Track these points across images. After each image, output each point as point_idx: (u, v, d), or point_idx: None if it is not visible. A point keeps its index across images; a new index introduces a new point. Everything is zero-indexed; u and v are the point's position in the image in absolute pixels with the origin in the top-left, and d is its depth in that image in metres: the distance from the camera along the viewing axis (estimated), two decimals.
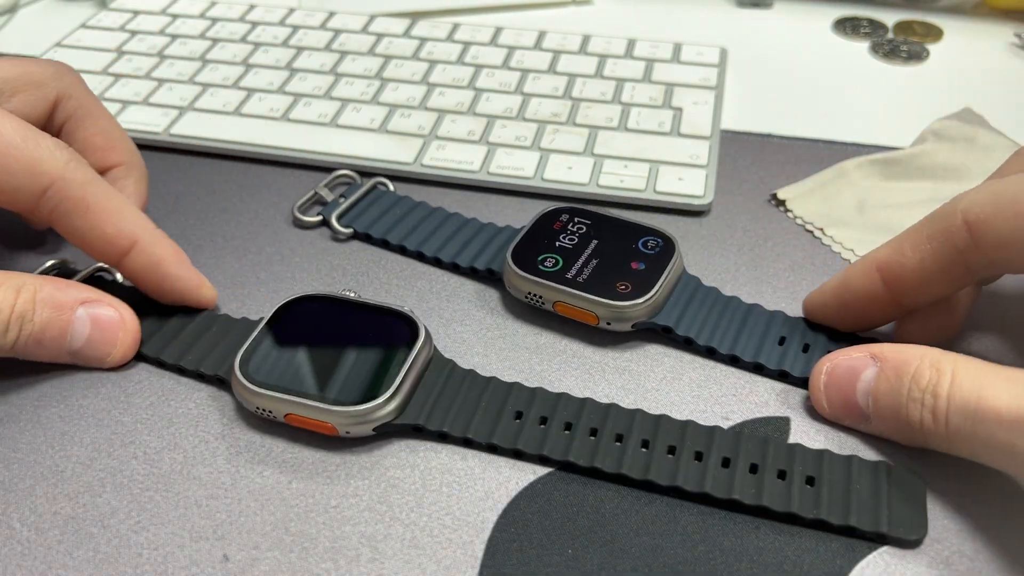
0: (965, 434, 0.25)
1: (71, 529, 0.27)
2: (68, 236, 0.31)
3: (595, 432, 0.28)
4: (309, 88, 0.46)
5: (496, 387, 0.30)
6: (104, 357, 0.31)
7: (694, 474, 0.27)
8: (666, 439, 0.28)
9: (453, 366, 0.31)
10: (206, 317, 0.33)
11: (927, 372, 0.26)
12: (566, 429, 0.28)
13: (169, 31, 0.52)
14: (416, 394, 0.29)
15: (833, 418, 0.29)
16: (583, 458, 0.27)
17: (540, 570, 0.26)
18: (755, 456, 0.27)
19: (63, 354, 0.31)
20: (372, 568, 0.26)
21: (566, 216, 0.35)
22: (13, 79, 0.33)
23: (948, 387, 0.25)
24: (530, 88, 0.46)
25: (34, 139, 0.29)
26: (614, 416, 0.29)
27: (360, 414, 0.28)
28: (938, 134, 0.42)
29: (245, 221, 0.39)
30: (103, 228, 0.30)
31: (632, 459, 0.27)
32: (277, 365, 0.29)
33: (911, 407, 0.26)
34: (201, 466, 0.29)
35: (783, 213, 0.39)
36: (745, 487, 0.26)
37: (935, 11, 0.57)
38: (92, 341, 0.31)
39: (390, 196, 0.39)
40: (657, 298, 0.32)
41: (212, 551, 0.26)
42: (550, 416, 0.29)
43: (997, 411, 0.24)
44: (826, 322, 0.32)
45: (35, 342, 0.30)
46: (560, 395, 0.29)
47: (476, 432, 0.28)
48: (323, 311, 0.31)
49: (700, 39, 0.52)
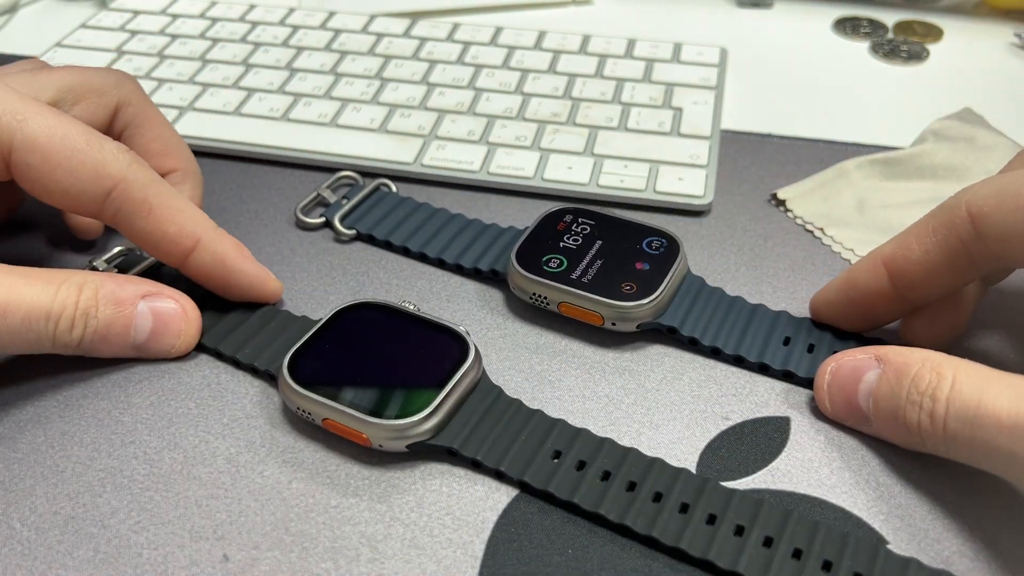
0: (964, 439, 0.25)
1: (71, 529, 0.27)
2: (133, 238, 0.31)
3: (633, 487, 0.27)
4: (309, 88, 0.46)
5: (539, 421, 0.29)
6: (169, 348, 0.32)
7: (728, 551, 0.25)
8: (707, 507, 0.26)
9: (499, 393, 0.30)
10: (267, 311, 0.33)
11: (927, 375, 0.26)
12: (603, 479, 0.27)
13: (169, 31, 0.52)
14: (456, 416, 0.28)
15: (836, 418, 0.29)
16: (614, 512, 0.26)
17: (540, 570, 0.26)
18: (800, 540, 0.25)
19: (127, 349, 0.31)
20: (372, 568, 0.26)
21: (570, 217, 0.35)
22: (76, 87, 0.33)
23: (948, 391, 0.25)
24: (530, 88, 0.46)
25: (98, 143, 0.30)
26: (656, 473, 0.27)
27: (395, 429, 0.27)
28: (938, 134, 0.42)
29: (245, 221, 0.39)
30: (166, 228, 0.31)
31: (667, 522, 0.26)
32: (325, 368, 0.29)
33: (909, 410, 0.26)
34: (201, 466, 0.29)
35: (783, 213, 0.39)
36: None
37: (935, 11, 0.57)
38: (155, 334, 0.31)
39: (393, 197, 0.39)
40: (662, 298, 0.32)
41: (212, 551, 0.26)
42: (589, 461, 0.27)
43: (997, 416, 0.24)
44: (832, 321, 0.32)
45: (100, 338, 0.30)
46: (604, 440, 0.28)
47: (510, 467, 0.27)
48: (379, 320, 0.31)
49: (700, 39, 0.52)
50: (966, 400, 0.24)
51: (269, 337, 0.32)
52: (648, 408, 0.30)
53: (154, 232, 0.31)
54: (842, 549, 0.25)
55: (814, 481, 0.28)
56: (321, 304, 0.35)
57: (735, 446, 0.29)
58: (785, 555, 0.24)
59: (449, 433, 0.28)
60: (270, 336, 0.32)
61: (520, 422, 0.29)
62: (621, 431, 0.30)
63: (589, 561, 0.26)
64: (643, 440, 0.29)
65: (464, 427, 0.28)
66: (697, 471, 0.28)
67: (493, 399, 0.29)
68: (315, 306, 0.35)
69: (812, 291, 0.35)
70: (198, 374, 0.32)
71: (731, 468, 0.28)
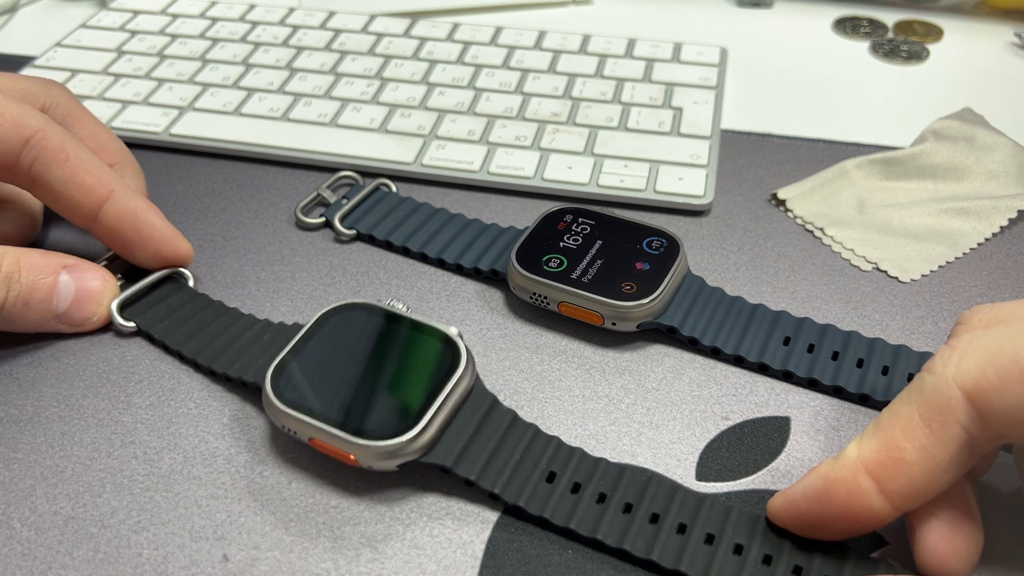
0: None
1: (71, 529, 0.27)
2: (47, 191, 0.32)
3: (629, 508, 0.26)
4: (309, 88, 0.46)
5: (535, 439, 0.28)
6: (90, 316, 0.33)
7: (728, 571, 0.24)
8: (705, 527, 0.25)
9: (493, 402, 0.28)
10: (249, 321, 0.32)
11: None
12: (599, 501, 0.26)
13: (169, 31, 0.52)
14: (449, 431, 0.27)
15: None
16: (611, 537, 0.25)
17: (540, 570, 0.26)
18: (799, 557, 0.25)
19: (49, 319, 0.32)
20: (372, 568, 0.26)
21: (570, 216, 0.35)
22: (2, 87, 0.33)
23: None
24: (530, 88, 0.46)
25: (16, 101, 0.31)
26: (653, 492, 0.26)
27: (384, 450, 0.26)
28: (938, 134, 0.42)
29: (245, 221, 0.39)
30: (83, 177, 0.32)
31: (665, 545, 0.25)
32: (309, 381, 0.28)
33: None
34: (201, 466, 0.29)
35: (783, 213, 0.39)
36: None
37: (935, 11, 0.57)
38: (77, 303, 0.32)
39: (393, 197, 0.39)
40: (662, 298, 0.32)
41: (212, 551, 0.26)
42: (584, 483, 0.26)
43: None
44: (796, 531, 0.25)
45: (23, 304, 0.31)
46: (599, 461, 0.27)
47: (505, 490, 0.26)
48: (364, 323, 0.30)
49: (700, 39, 0.52)
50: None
51: (261, 350, 0.31)
52: (648, 408, 0.30)
53: (70, 181, 0.32)
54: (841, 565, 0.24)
55: None
56: (321, 304, 0.35)
57: (735, 446, 0.29)
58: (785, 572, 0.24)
59: (442, 450, 0.27)
60: (262, 349, 0.31)
61: (515, 438, 0.28)
62: (621, 431, 0.30)
63: (589, 561, 0.26)
64: (643, 440, 0.29)
65: (457, 442, 0.27)
66: (697, 471, 0.28)
67: (487, 409, 0.28)
68: (315, 306, 0.35)
69: (812, 291, 0.35)
70: (198, 375, 0.32)
71: (731, 468, 0.28)
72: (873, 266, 0.36)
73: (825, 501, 0.24)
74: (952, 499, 0.24)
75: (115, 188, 0.32)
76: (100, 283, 0.33)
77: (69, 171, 0.31)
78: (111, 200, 0.32)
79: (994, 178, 0.39)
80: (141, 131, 0.43)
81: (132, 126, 0.44)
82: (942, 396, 0.23)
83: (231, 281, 0.36)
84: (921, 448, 0.23)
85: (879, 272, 0.36)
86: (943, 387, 0.23)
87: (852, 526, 0.24)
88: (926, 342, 0.33)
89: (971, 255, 0.37)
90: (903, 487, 0.23)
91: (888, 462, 0.23)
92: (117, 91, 0.46)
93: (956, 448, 0.23)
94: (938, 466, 0.23)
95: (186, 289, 0.34)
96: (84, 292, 0.32)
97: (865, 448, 0.24)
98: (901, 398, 0.24)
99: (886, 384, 0.30)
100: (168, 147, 0.44)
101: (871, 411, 0.30)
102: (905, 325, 0.33)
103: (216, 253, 0.37)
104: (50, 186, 0.32)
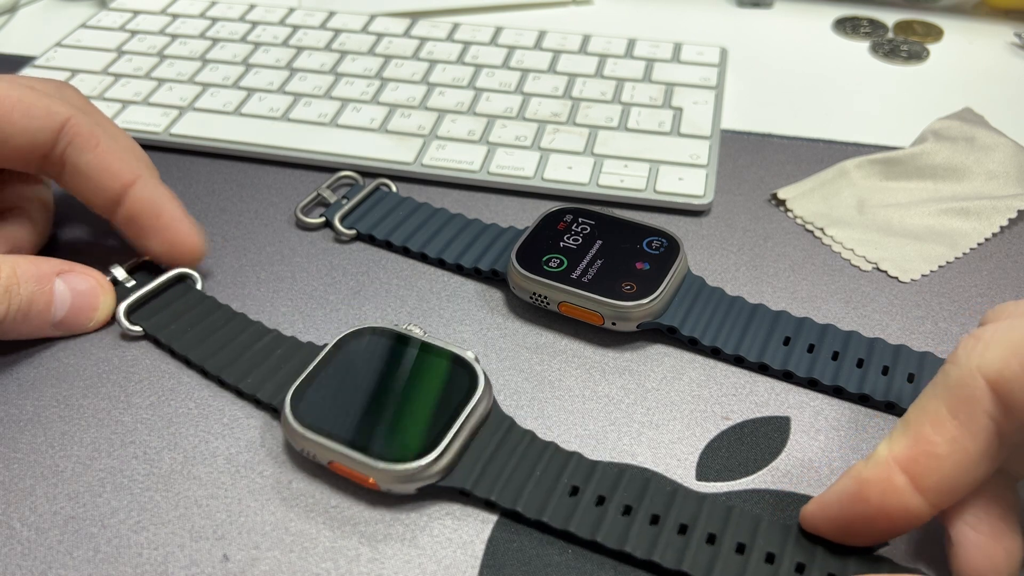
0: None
1: (71, 529, 0.27)
2: (76, 176, 0.32)
3: (656, 520, 0.26)
4: (309, 88, 0.46)
5: (554, 455, 0.28)
6: (87, 322, 0.33)
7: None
8: (735, 536, 0.25)
9: (511, 425, 0.28)
10: (260, 330, 0.32)
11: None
12: (624, 513, 0.26)
13: (169, 31, 0.52)
14: (466, 454, 0.27)
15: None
16: (640, 549, 0.25)
17: (540, 570, 0.26)
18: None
19: (46, 327, 0.32)
20: (372, 568, 0.26)
21: (570, 216, 0.35)
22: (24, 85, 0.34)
23: None
24: (530, 88, 0.46)
25: (41, 92, 0.32)
26: (680, 504, 0.26)
27: (404, 474, 0.26)
28: (938, 134, 0.42)
29: (245, 221, 0.39)
30: (111, 161, 0.32)
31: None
32: (329, 405, 0.28)
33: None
34: (201, 466, 0.29)
35: (783, 213, 0.39)
36: None
37: (935, 11, 0.57)
38: (75, 308, 0.32)
39: (393, 197, 0.39)
40: (662, 298, 0.32)
41: (212, 551, 0.26)
42: (608, 496, 0.26)
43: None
44: (831, 538, 0.25)
45: (22, 316, 0.30)
46: (624, 470, 0.27)
47: (526, 507, 0.26)
48: (382, 347, 0.30)
49: (700, 39, 0.52)
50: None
51: (273, 366, 0.31)
52: (648, 408, 0.30)
53: (99, 166, 0.32)
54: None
55: (814, 481, 0.28)
56: (321, 304, 0.35)
57: (735, 446, 0.29)
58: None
59: (460, 473, 0.27)
60: (274, 365, 0.31)
61: (533, 457, 0.28)
62: (621, 431, 0.30)
63: (589, 561, 0.26)
64: (643, 440, 0.29)
65: (475, 465, 0.27)
66: (697, 471, 0.28)
67: (505, 431, 0.28)
68: (315, 306, 0.35)
69: (812, 291, 0.35)
70: (198, 375, 0.32)
71: (731, 468, 0.28)
72: (873, 266, 0.36)
73: (859, 502, 0.24)
74: (991, 509, 0.24)
75: (142, 174, 0.33)
76: (95, 285, 0.33)
77: (100, 156, 0.32)
78: (136, 185, 0.33)
79: (994, 178, 0.39)
80: (141, 131, 0.43)
81: (132, 126, 0.44)
82: (967, 387, 0.23)
83: (231, 281, 0.36)
84: (952, 440, 0.23)
85: (879, 272, 0.36)
86: (967, 378, 0.23)
87: (888, 526, 0.23)
88: (926, 342, 0.33)
89: (971, 255, 0.37)
90: (937, 482, 0.23)
91: (920, 457, 0.23)
92: (117, 91, 0.46)
93: (986, 439, 0.22)
94: (970, 458, 0.23)
95: (194, 292, 0.34)
96: (80, 298, 0.32)
97: (896, 445, 0.23)
98: (927, 392, 0.24)
99: (886, 384, 0.30)
100: (168, 147, 0.44)
101: (871, 411, 0.30)
102: (905, 325, 0.33)
103: (216, 253, 0.37)
104: (80, 170, 0.32)
